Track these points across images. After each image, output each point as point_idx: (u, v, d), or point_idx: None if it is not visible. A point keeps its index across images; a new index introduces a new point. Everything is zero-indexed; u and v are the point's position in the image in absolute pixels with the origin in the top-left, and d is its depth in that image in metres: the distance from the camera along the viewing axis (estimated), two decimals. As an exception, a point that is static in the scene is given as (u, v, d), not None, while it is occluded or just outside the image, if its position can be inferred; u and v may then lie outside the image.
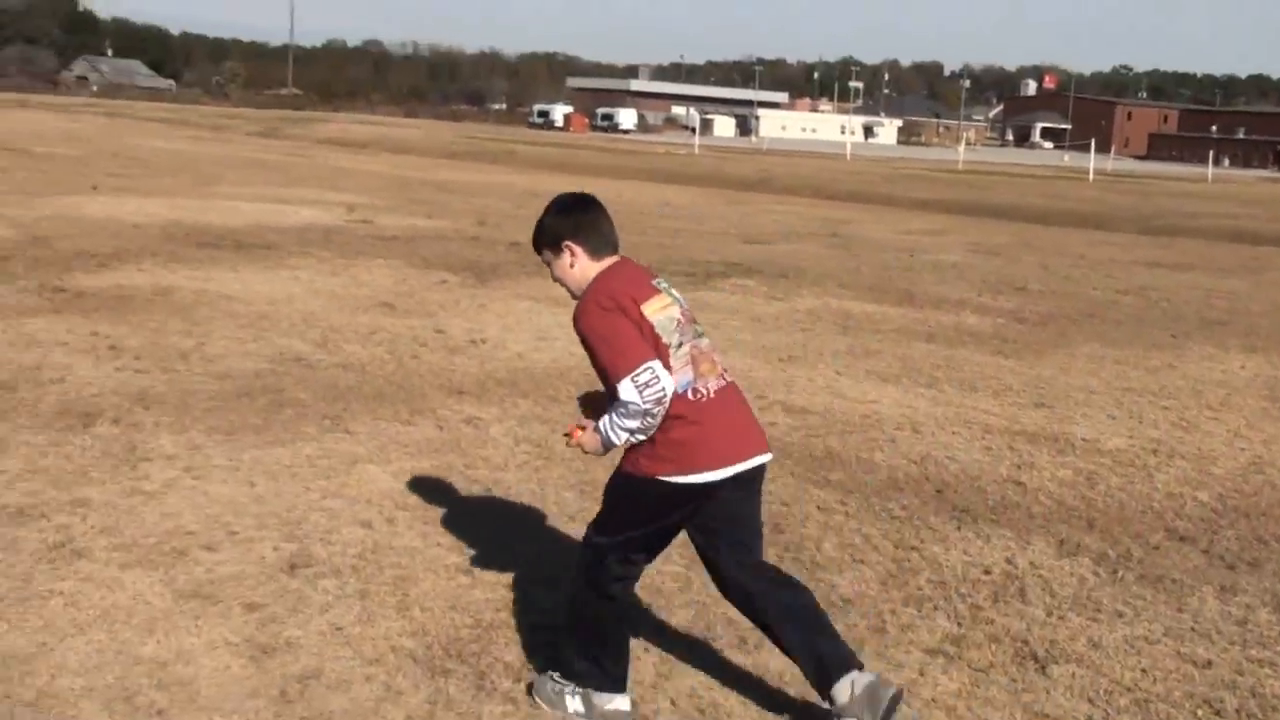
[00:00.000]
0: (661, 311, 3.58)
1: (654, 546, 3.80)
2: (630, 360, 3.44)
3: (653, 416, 3.47)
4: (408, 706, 3.81)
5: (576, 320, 3.60)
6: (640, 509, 3.68)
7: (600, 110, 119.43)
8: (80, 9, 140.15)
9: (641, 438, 3.55)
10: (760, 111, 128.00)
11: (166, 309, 9.97)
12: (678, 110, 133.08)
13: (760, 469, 3.76)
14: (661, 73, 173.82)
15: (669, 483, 3.57)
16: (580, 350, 3.73)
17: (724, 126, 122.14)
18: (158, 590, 4.54)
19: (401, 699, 3.85)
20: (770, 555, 5.26)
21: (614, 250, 3.75)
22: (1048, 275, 16.10)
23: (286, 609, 4.44)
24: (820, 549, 5.40)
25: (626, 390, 3.43)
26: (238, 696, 3.79)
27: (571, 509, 5.71)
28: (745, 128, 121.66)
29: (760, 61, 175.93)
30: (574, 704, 3.79)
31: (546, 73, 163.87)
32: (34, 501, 5.38)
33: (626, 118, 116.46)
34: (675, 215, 23.04)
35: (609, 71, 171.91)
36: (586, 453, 3.71)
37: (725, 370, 3.77)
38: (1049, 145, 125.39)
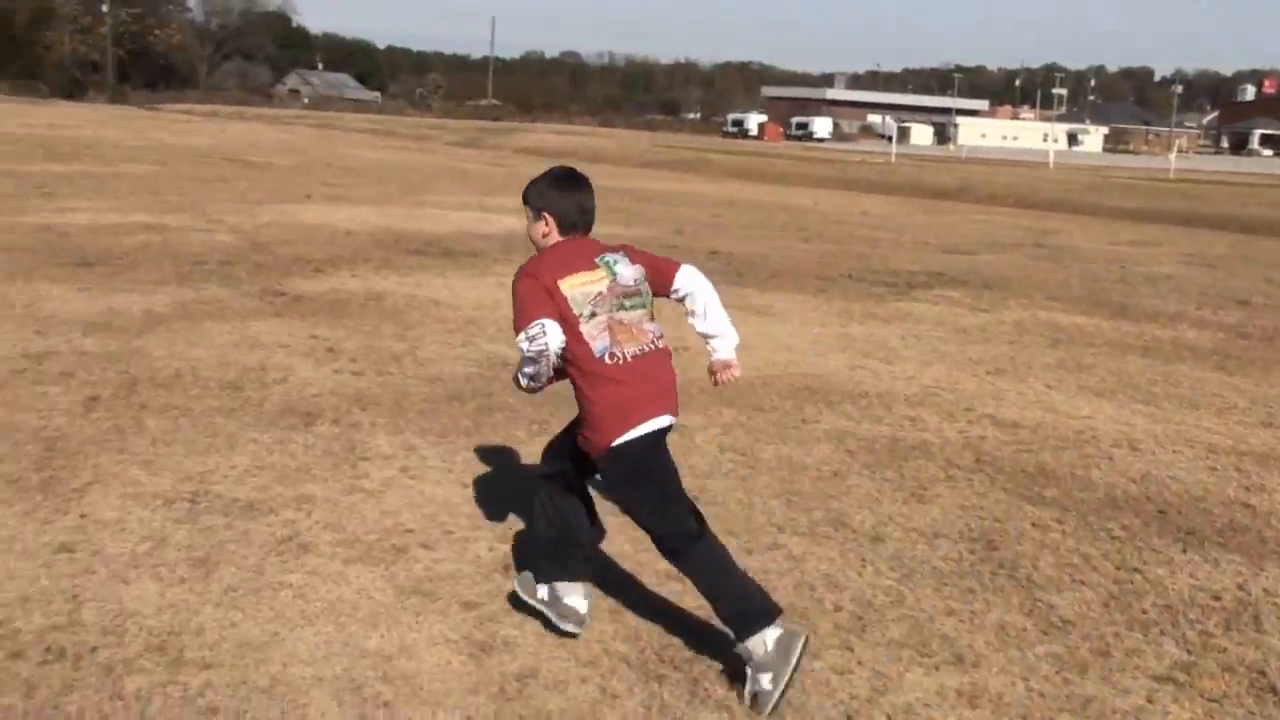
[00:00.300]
0: (580, 287, 4.00)
1: (679, 488, 4.15)
2: (527, 318, 3.93)
3: (538, 365, 3.85)
4: (623, 709, 3.83)
5: (513, 283, 4.10)
6: (634, 478, 4.07)
7: (795, 119, 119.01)
8: (294, 25, 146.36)
9: (535, 384, 3.87)
10: (959, 119, 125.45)
11: (379, 313, 10.30)
12: (874, 119, 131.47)
13: (664, 431, 4.11)
14: (857, 81, 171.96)
15: (622, 444, 3.97)
16: (784, 359, 4.05)
17: (921, 135, 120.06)
18: (380, 586, 4.68)
19: (617, 702, 3.87)
20: (984, 572, 5.15)
21: (585, 230, 4.21)
22: (1271, 288, 15.34)
23: (502, 608, 4.52)
24: (1037, 567, 5.24)
25: (520, 339, 3.91)
26: (459, 692, 3.88)
27: (779, 518, 5.68)
28: (943, 136, 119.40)
29: (959, 68, 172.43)
30: None
31: (741, 82, 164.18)
32: (262, 496, 5.62)
33: (821, 126, 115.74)
34: (873, 224, 22.76)
35: (804, 80, 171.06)
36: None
37: (658, 338, 4.13)
38: (1268, 153, 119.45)
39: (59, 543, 4.92)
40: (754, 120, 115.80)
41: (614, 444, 3.97)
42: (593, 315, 3.98)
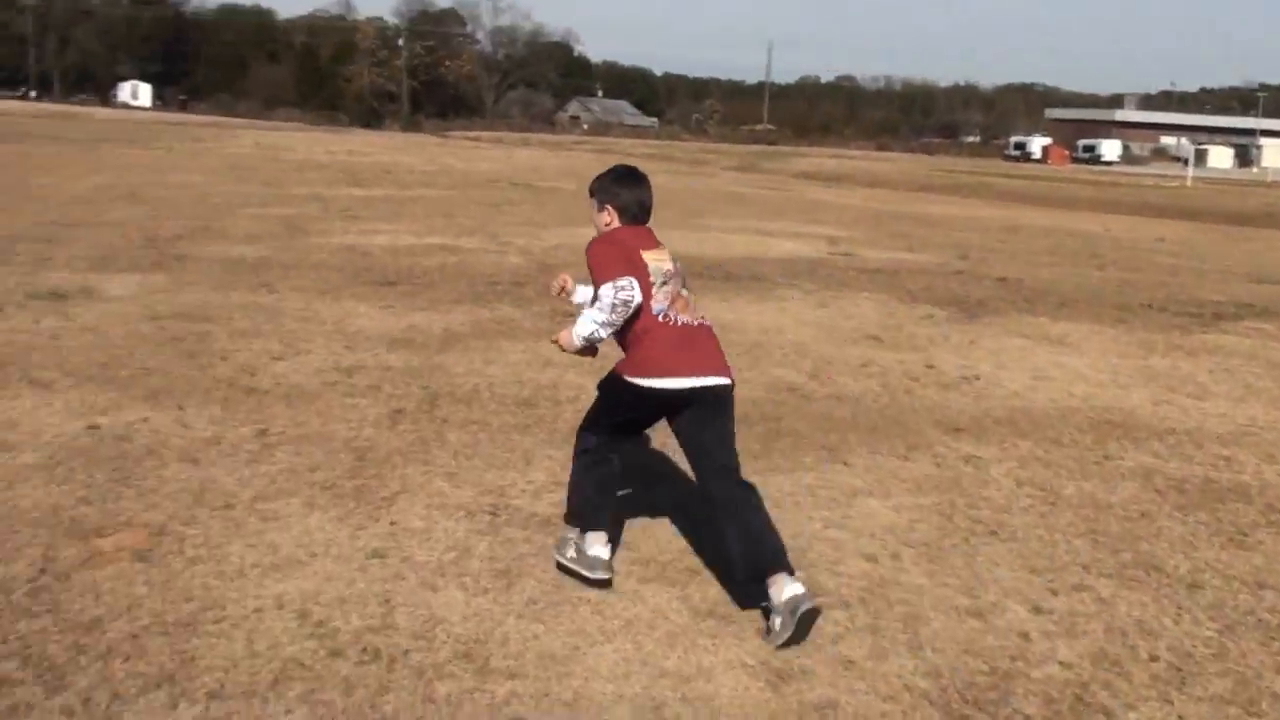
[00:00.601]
0: (655, 260, 4.61)
1: (628, 430, 5.01)
2: (614, 274, 4.47)
3: (616, 313, 4.47)
4: (928, 750, 3.71)
5: (588, 248, 4.65)
6: (616, 401, 4.77)
7: (1081, 142, 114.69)
8: (575, 54, 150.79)
9: (604, 332, 4.56)
10: (1263, 140, 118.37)
11: (665, 335, 10.39)
12: (1167, 140, 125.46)
13: (717, 393, 4.64)
14: (1149, 101, 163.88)
15: (635, 384, 4.59)
16: (1081, 391, 3.86)
17: (1220, 157, 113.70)
18: (675, 606, 4.69)
19: (921, 741, 3.75)
20: (1317, 627, 4.76)
21: (643, 222, 4.77)
22: None
23: (798, 636, 4.45)
24: (1378, 625, 4.81)
25: (605, 289, 4.46)
26: (759, 719, 3.83)
27: (1084, 558, 5.41)
28: (1245, 158, 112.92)
29: (1264, 86, 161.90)
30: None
31: (1023, 104, 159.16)
32: (558, 512, 5.69)
33: (1110, 149, 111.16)
34: (1171, 251, 21.65)
35: (1091, 101, 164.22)
36: (564, 350, 4.77)
37: (703, 317, 4.76)
38: None
39: (371, 548, 5.14)
40: (1037, 143, 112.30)
41: (638, 383, 4.57)
42: (663, 284, 4.59)
